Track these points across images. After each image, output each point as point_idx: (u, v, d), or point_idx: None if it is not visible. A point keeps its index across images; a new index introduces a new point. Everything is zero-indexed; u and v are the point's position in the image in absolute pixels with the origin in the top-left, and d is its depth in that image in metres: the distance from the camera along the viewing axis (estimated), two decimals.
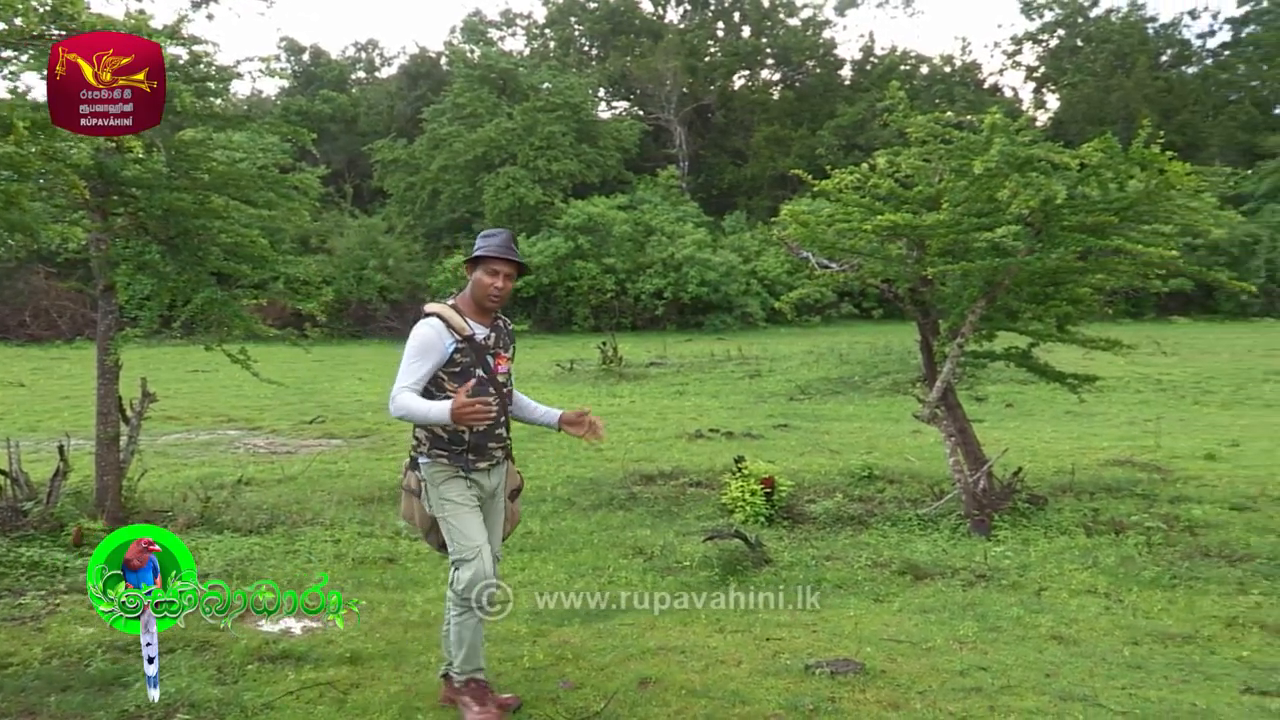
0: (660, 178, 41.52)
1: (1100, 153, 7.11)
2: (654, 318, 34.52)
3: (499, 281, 4.28)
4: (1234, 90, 49.95)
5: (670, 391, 17.64)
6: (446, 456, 4.25)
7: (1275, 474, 9.37)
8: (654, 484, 9.46)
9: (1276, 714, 4.29)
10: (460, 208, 38.89)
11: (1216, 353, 22.72)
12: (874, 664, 4.84)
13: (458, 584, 4.18)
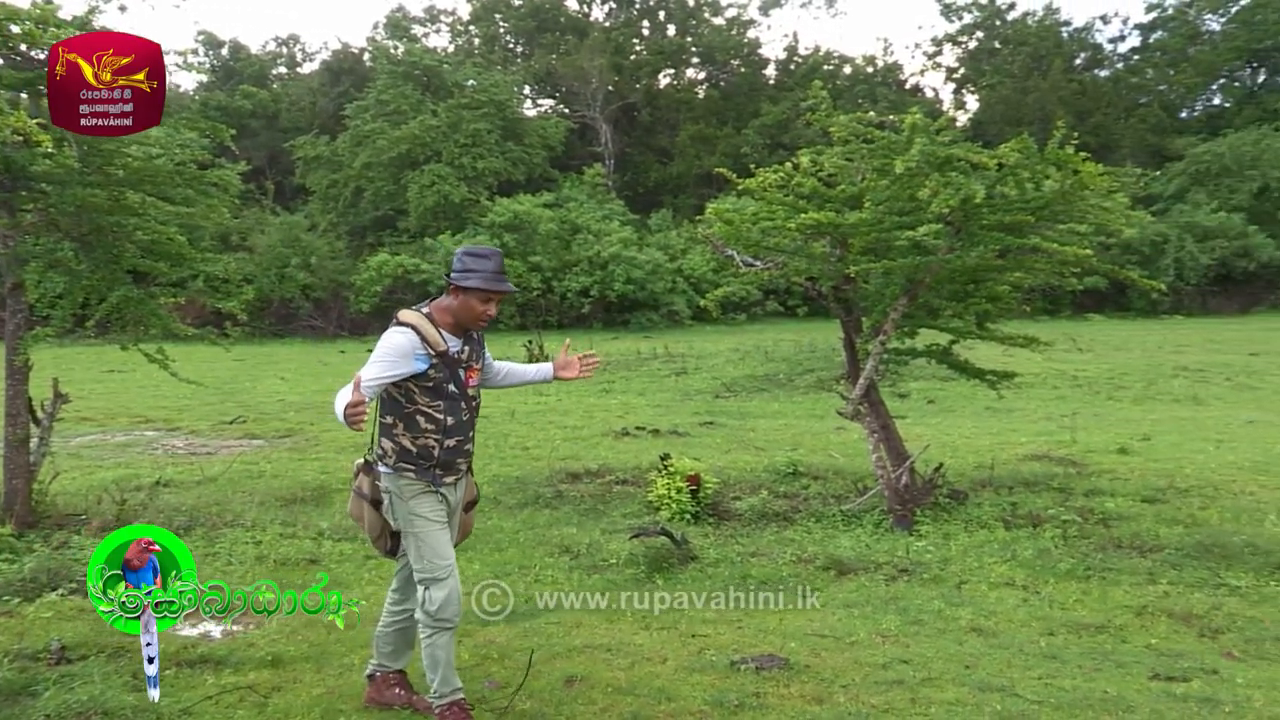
0: (586, 176, 41.50)
1: (1017, 153, 7.24)
2: (580, 316, 34.50)
3: (491, 309, 4.17)
4: (1143, 94, 51.32)
5: (597, 390, 17.63)
6: (414, 471, 4.11)
7: (1183, 467, 9.63)
8: (580, 482, 9.43)
9: (1182, 698, 4.41)
10: (384, 205, 38.51)
11: (1129, 349, 23.28)
12: (798, 659, 4.88)
13: (430, 604, 4.06)
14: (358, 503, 4.36)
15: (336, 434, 12.36)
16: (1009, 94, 47.62)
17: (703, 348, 24.61)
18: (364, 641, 5.12)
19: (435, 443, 4.11)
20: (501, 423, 13.12)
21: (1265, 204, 37.66)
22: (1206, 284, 36.90)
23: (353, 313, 34.10)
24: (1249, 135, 40.02)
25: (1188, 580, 6.31)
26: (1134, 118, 48.06)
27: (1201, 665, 4.87)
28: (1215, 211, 37.16)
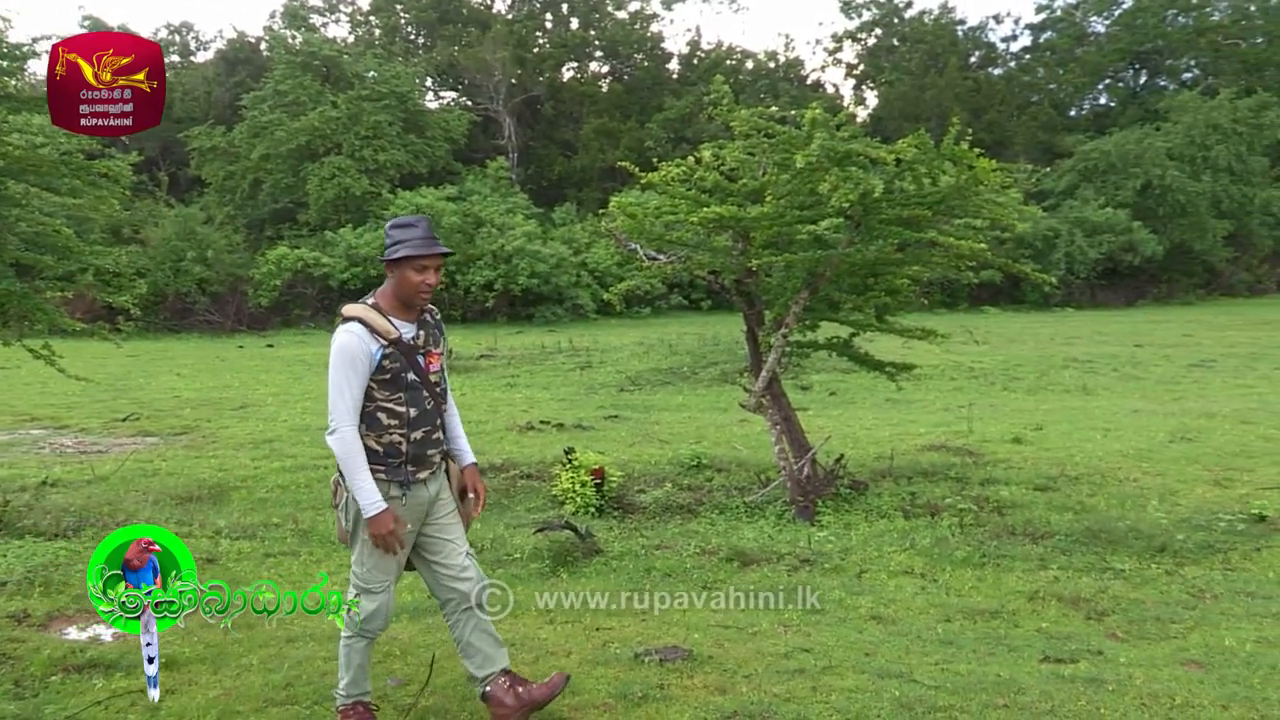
0: (489, 169, 41.16)
1: (915, 149, 7.38)
2: (484, 310, 34.22)
3: (429, 278, 3.91)
4: (1035, 92, 52.72)
5: (501, 384, 17.54)
6: (384, 471, 3.88)
7: (1073, 455, 9.92)
8: (484, 477, 9.33)
9: (1070, 679, 4.54)
10: (283, 198, 37.75)
11: (1023, 341, 23.88)
12: (702, 650, 4.91)
13: (357, 614, 3.95)
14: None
15: (234, 431, 12.11)
16: (907, 91, 48.47)
17: (607, 341, 24.62)
18: (262, 641, 5.04)
19: (401, 438, 3.90)
20: None
21: (1148, 201, 38.90)
22: (1095, 278, 38.01)
23: (252, 307, 33.38)
24: (1133, 134, 41.30)
25: (1076, 565, 6.51)
26: (1026, 115, 49.32)
27: (1088, 646, 5.03)
28: (1102, 207, 38.27)
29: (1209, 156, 39.86)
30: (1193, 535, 7.02)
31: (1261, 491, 8.19)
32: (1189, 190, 38.57)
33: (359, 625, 3.98)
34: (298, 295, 34.09)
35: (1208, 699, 4.29)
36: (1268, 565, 6.38)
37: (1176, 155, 39.80)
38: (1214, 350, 20.98)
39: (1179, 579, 6.19)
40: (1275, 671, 4.61)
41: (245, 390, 16.64)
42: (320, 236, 35.16)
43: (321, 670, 4.62)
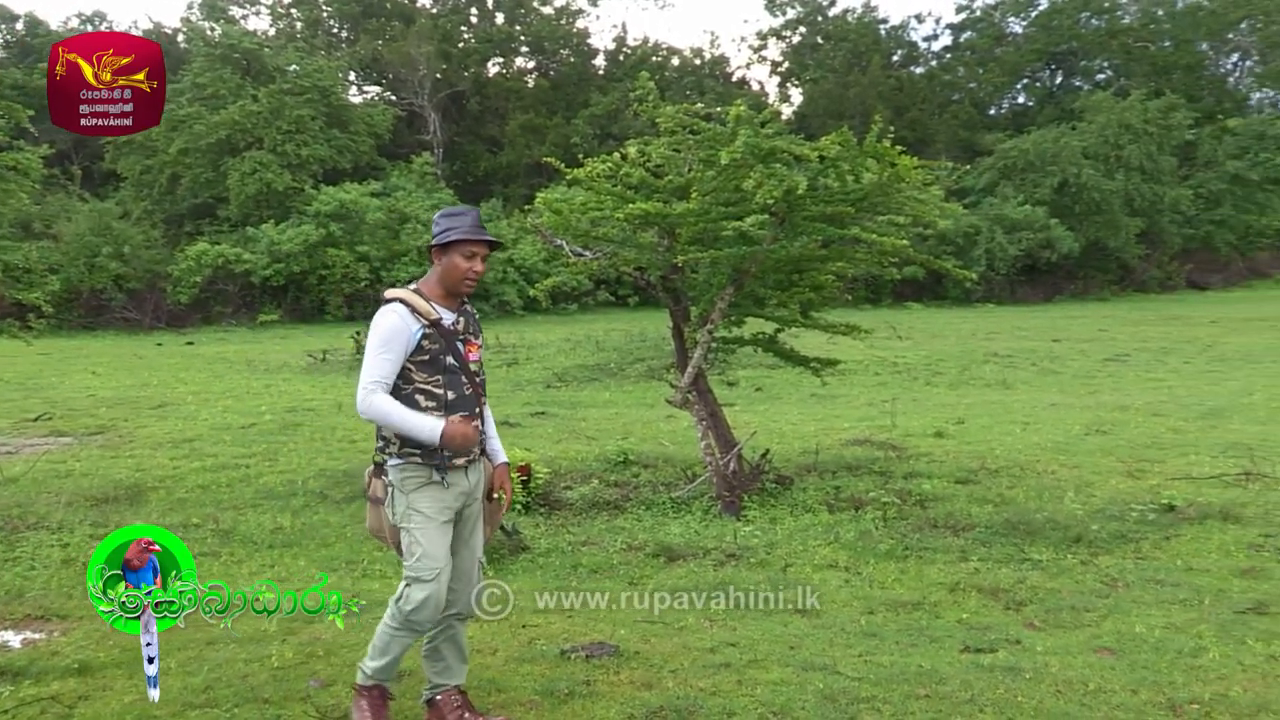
0: (414, 164, 40.79)
1: (838, 146, 7.46)
2: None
3: (477, 265, 3.94)
4: (956, 91, 53.66)
5: None
6: (420, 456, 3.86)
7: (994, 449, 10.11)
8: None
9: (989, 668, 4.64)
10: (203, 193, 37.04)
11: (945, 336, 24.26)
12: (628, 646, 4.93)
13: (407, 603, 3.84)
14: (375, 512, 4.08)
15: (153, 430, 11.86)
16: (831, 88, 48.99)
17: (534, 338, 24.56)
18: (181, 644, 4.95)
19: (439, 421, 3.83)
20: (328, 415, 12.82)
21: (1065, 198, 39.78)
22: (1014, 274, 38.77)
23: (171, 304, 32.72)
24: (1050, 133, 42.19)
25: (996, 556, 6.63)
26: (947, 114, 50.14)
27: (1007, 636, 5.13)
28: (1021, 205, 39.05)
29: (1122, 156, 40.90)
30: (1107, 525, 7.19)
31: (1171, 482, 8.43)
32: (1103, 188, 39.51)
33: (407, 616, 3.88)
34: (219, 292, 33.50)
35: (1118, 684, 4.41)
36: (1176, 554, 6.56)
37: (1091, 154, 40.77)
38: (1127, 345, 21.52)
39: (1093, 568, 6.34)
40: (1181, 656, 4.75)
41: (164, 389, 16.31)
42: (242, 233, 34.58)
43: (242, 673, 4.56)
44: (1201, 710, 4.15)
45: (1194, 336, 23.13)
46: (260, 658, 4.79)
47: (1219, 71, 58.72)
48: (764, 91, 55.27)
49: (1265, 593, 5.71)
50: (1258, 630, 5.09)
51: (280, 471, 9.46)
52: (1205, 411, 12.41)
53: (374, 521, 4.11)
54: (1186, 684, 4.41)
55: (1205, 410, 12.50)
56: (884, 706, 4.21)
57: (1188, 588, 5.85)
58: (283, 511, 7.99)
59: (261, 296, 33.89)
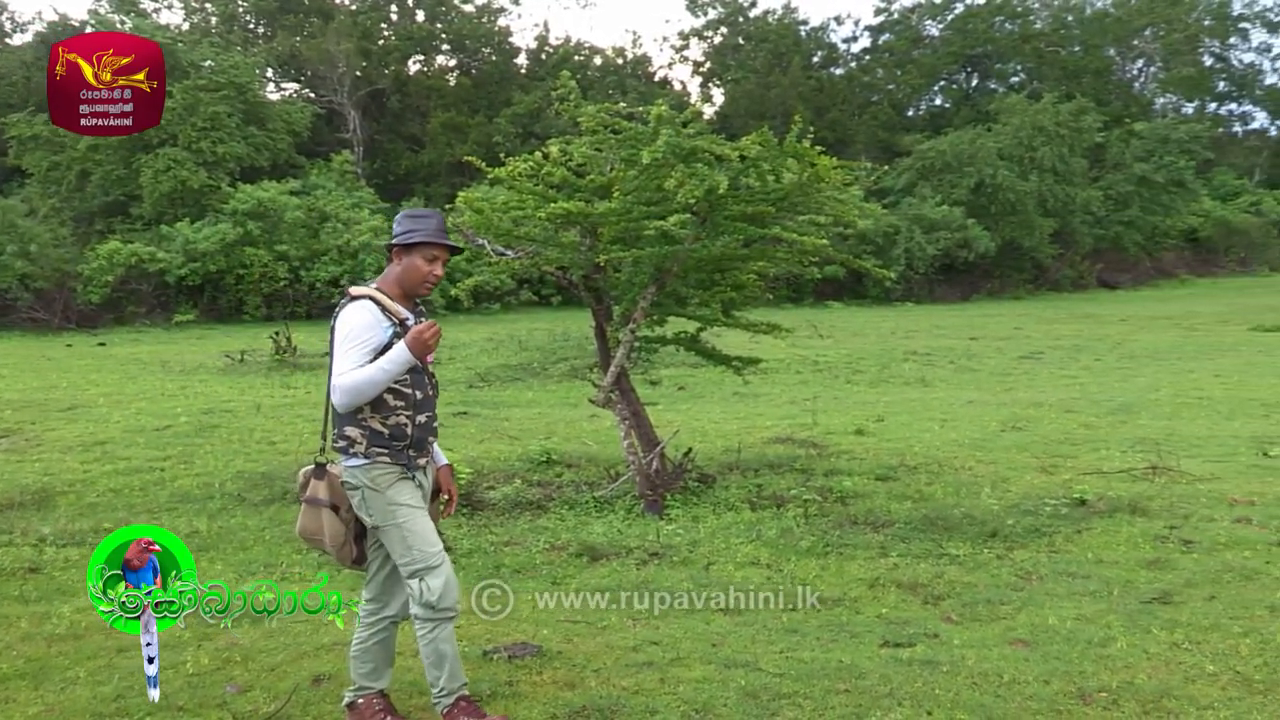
0: (334, 163, 40.22)
1: (758, 146, 7.52)
2: (330, 306, 33.19)
3: (437, 269, 3.98)
4: (875, 92, 54.45)
5: None
6: (388, 455, 3.86)
7: (913, 446, 10.26)
8: None
9: (907, 662, 4.71)
10: (114, 190, 36.11)
11: (865, 335, 24.57)
12: (551, 645, 4.92)
13: (429, 594, 3.82)
14: (313, 513, 4.00)
15: (62, 433, 11.55)
16: (752, 89, 49.37)
17: (456, 338, 24.38)
18: (91, 652, 4.84)
19: (407, 419, 3.89)
20: (246, 417, 12.60)
21: (981, 199, 40.50)
22: (933, 273, 39.35)
23: (81, 304, 31.86)
24: (966, 134, 42.94)
25: (915, 552, 6.73)
26: (866, 115, 50.86)
27: (925, 630, 5.22)
28: (939, 205, 39.65)
29: (1035, 157, 41.76)
30: (1021, 520, 7.34)
31: (1082, 477, 8.63)
32: (1018, 189, 40.30)
33: (436, 607, 3.84)
34: (132, 292, 32.69)
35: (1032, 675, 4.51)
36: (1087, 547, 6.72)
37: (1006, 155, 41.56)
38: (1042, 343, 21.98)
39: (1009, 562, 6.47)
40: (1091, 646, 4.87)
41: (74, 391, 15.89)
42: (156, 231, 33.78)
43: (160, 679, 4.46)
44: (1109, 698, 4.26)
45: (1104, 334, 23.72)
46: (175, 664, 4.69)
47: (1125, 76, 60.50)
48: (686, 91, 55.49)
49: (1169, 583, 5.88)
50: (1162, 619, 5.23)
51: (196, 474, 9.28)
52: (1115, 407, 12.73)
53: (310, 523, 4.04)
54: (1096, 673, 4.52)
55: (1115, 406, 12.83)
56: (805, 702, 4.26)
57: (1097, 579, 5.99)
58: (199, 515, 7.84)
59: (177, 296, 33.15)
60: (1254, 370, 16.47)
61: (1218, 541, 6.68)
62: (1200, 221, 49.51)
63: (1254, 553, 6.41)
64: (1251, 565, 6.14)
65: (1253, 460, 9.23)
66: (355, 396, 3.74)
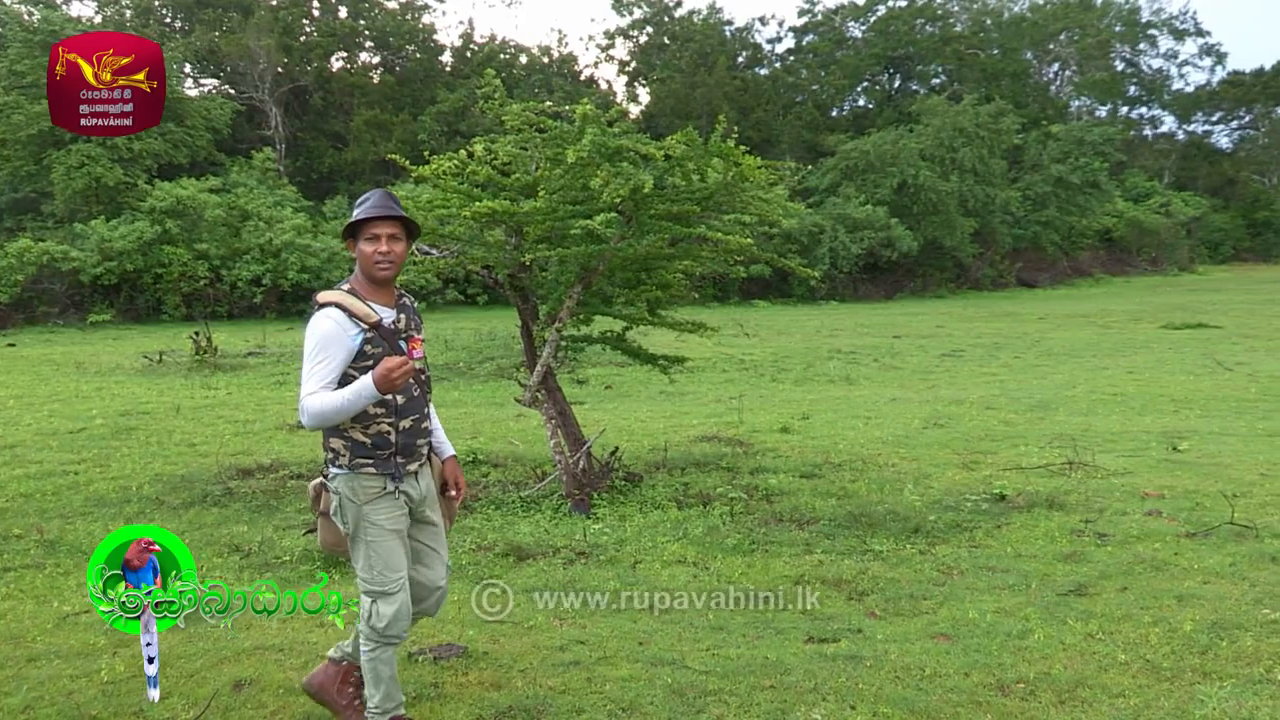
0: (256, 160, 39.60)
1: (683, 145, 7.55)
2: (252, 306, 32.91)
3: (382, 245, 3.73)
4: (799, 92, 55.01)
5: (270, 382, 16.92)
6: (373, 465, 3.71)
7: (837, 443, 10.38)
8: (252, 478, 9.04)
9: (832, 657, 4.77)
10: (24, 187, 35.15)
11: (791, 334, 24.78)
12: (477, 646, 4.89)
13: (377, 619, 3.72)
14: (329, 527, 3.90)
15: None
16: (678, 88, 49.60)
17: None
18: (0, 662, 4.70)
19: (389, 427, 3.73)
20: (165, 418, 12.35)
21: (903, 198, 41.10)
22: (857, 272, 39.85)
23: None
24: (889, 135, 43.55)
25: (839, 549, 6.80)
26: (791, 115, 51.35)
27: (849, 626, 5.28)
28: (863, 205, 40.16)
29: (956, 158, 42.51)
30: (943, 516, 7.46)
31: (1002, 473, 8.80)
32: (939, 189, 40.97)
33: (381, 632, 3.75)
34: (44, 291, 31.85)
35: (953, 668, 4.58)
36: (1007, 541, 6.84)
37: (928, 156, 42.24)
38: (963, 341, 22.37)
39: (931, 557, 6.57)
40: (1010, 638, 4.97)
41: None
42: (69, 228, 32.96)
43: (68, 689, 4.35)
44: (1027, 689, 4.35)
45: (1024, 332, 24.19)
46: (88, 673, 4.58)
47: (1042, 80, 61.94)
48: (612, 90, 55.65)
49: (1085, 575, 6.01)
50: (1078, 611, 5.35)
51: (112, 478, 9.08)
52: (1034, 404, 13.00)
53: (329, 536, 3.96)
54: (1014, 665, 4.61)
55: (1034, 403, 13.09)
56: (730, 699, 4.29)
57: (1016, 573, 6.11)
58: (115, 519, 7.67)
59: (92, 296, 32.36)
60: (1165, 367, 16.92)
61: (1130, 534, 6.85)
62: (1114, 222, 50.87)
63: (1164, 544, 6.58)
64: (1161, 557, 6.30)
65: (1163, 455, 9.48)
66: (321, 421, 3.60)
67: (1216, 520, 6.99)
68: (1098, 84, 62.13)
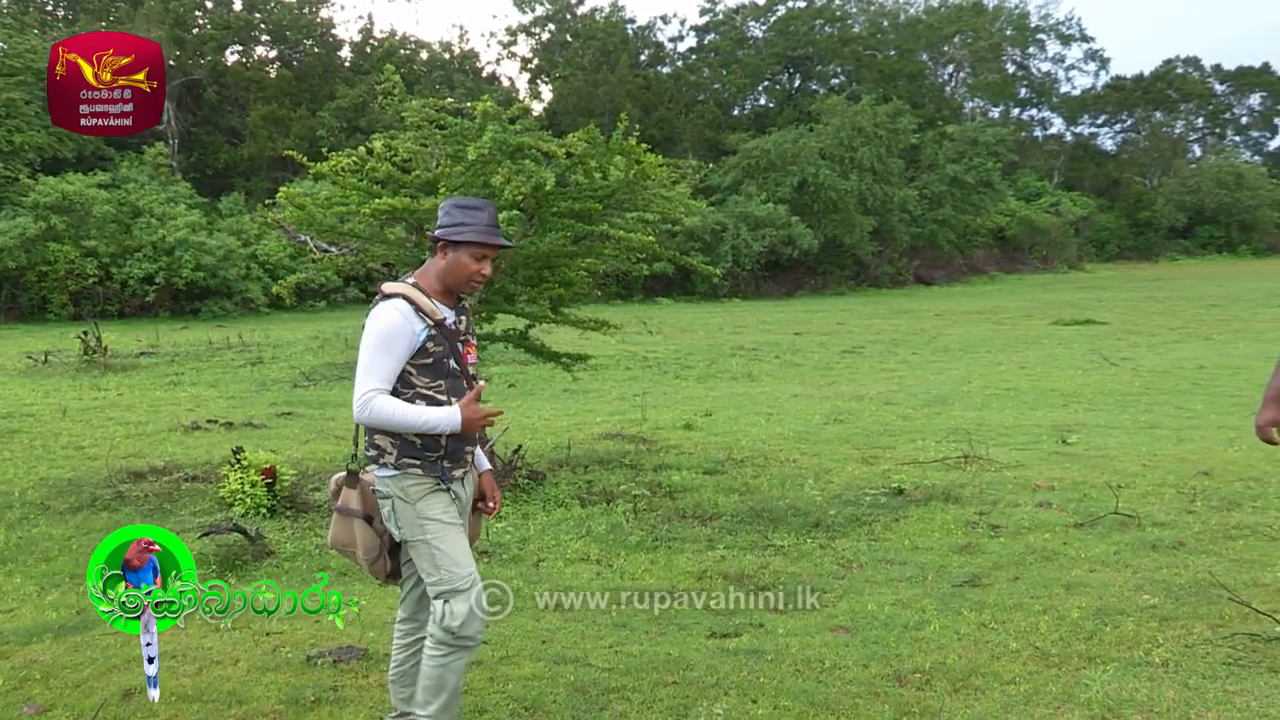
0: (147, 155, 38.48)
1: (585, 143, 7.56)
2: (145, 304, 32.02)
3: (486, 268, 3.62)
4: (701, 91, 55.42)
5: (164, 382, 16.50)
6: (420, 466, 3.54)
7: (740, 439, 10.47)
8: (144, 481, 8.80)
9: (734, 652, 4.81)
10: None
11: (694, 331, 24.95)
12: (378, 648, 4.83)
13: (451, 619, 3.52)
14: (344, 524, 3.73)
15: None
16: (581, 86, 49.59)
17: (280, 336, 23.70)
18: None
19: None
20: (51, 421, 11.96)
21: (804, 197, 41.65)
22: (759, 270, 40.27)
23: None
24: (789, 134, 44.09)
25: (741, 544, 6.87)
26: (693, 113, 51.67)
27: (751, 621, 5.33)
28: (764, 203, 40.59)
29: (855, 157, 43.21)
30: (843, 510, 7.58)
31: (900, 467, 8.97)
32: (839, 188, 41.60)
33: (456, 634, 3.55)
34: None
35: (852, 660, 4.66)
36: (904, 534, 6.99)
37: (828, 155, 42.87)
38: (863, 338, 22.75)
39: (831, 551, 6.67)
40: (907, 630, 5.07)
41: None
42: None
43: None
44: (923, 679, 4.44)
45: (921, 329, 24.71)
46: None
47: (937, 81, 63.31)
48: (514, 88, 55.33)
49: (978, 566, 6.16)
50: (972, 601, 5.49)
51: None
52: (931, 399, 13.28)
53: (341, 534, 3.78)
54: (911, 655, 4.71)
55: (931, 398, 13.37)
56: (633, 695, 4.30)
57: (914, 566, 6.24)
58: None
59: None
60: (1055, 362, 17.43)
61: (1022, 525, 7.04)
62: (1007, 221, 52.22)
63: (1053, 535, 6.78)
64: (1051, 547, 6.49)
65: (1054, 447, 9.76)
66: (381, 425, 3.50)
67: (1102, 510, 7.22)
68: (990, 86, 63.72)
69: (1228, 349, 18.74)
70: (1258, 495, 7.60)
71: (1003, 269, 51.36)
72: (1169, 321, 24.95)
